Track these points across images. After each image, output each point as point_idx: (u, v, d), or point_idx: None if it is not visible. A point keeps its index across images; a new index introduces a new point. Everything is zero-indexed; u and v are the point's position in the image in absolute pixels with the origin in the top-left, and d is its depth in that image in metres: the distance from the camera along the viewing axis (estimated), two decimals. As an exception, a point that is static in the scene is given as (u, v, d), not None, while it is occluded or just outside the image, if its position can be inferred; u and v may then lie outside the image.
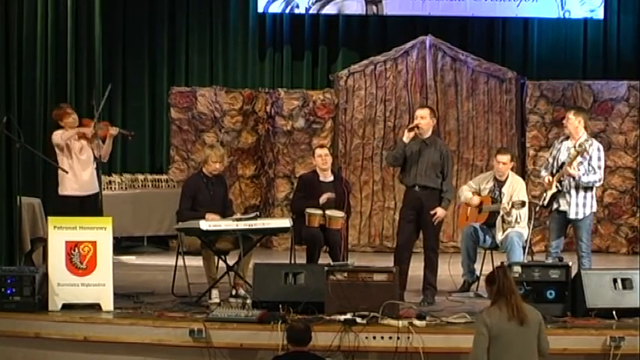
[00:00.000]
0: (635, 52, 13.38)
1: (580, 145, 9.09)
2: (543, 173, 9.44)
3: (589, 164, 9.12)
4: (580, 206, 9.16)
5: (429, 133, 9.08)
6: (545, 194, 9.32)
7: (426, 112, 9.09)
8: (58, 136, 9.58)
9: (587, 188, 9.16)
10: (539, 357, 6.46)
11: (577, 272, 8.35)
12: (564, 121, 9.35)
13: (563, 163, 9.17)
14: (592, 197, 9.22)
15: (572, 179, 9.11)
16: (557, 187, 9.18)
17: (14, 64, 10.56)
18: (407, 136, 9.01)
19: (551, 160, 9.36)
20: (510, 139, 12.77)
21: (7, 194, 10.28)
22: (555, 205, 9.25)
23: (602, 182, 9.45)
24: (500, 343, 6.35)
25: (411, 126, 9.12)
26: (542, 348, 6.48)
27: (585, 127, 9.25)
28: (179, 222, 9.13)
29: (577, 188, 9.13)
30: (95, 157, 9.66)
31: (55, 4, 10.99)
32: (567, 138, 9.29)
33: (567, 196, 9.17)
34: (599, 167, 9.15)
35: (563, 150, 9.24)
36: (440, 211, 8.97)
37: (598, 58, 13.53)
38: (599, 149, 9.20)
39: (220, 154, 9.34)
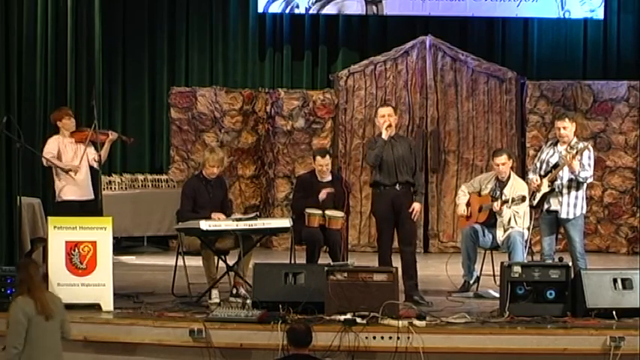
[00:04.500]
0: (635, 52, 13.38)
1: (572, 147, 9.17)
2: (531, 176, 9.46)
3: (580, 162, 9.17)
4: (571, 206, 9.21)
5: (394, 130, 9.25)
6: (535, 194, 9.34)
7: (391, 109, 9.27)
8: (54, 143, 9.56)
9: (579, 189, 9.21)
10: (63, 339, 6.70)
11: (577, 272, 8.35)
12: (561, 129, 9.28)
13: (556, 164, 9.21)
14: (582, 198, 9.29)
15: (563, 180, 9.16)
16: (549, 186, 9.21)
17: (14, 64, 10.57)
18: (386, 134, 9.11)
19: (539, 165, 9.40)
20: (510, 139, 12.77)
21: (7, 194, 10.29)
22: (546, 206, 9.28)
23: (592, 179, 9.47)
24: (29, 336, 6.47)
25: (387, 124, 9.16)
26: (65, 331, 6.73)
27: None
28: (179, 222, 9.14)
29: (569, 188, 9.21)
30: (89, 164, 9.67)
31: (55, 4, 11.00)
32: (557, 142, 9.35)
33: (559, 196, 9.22)
34: (590, 165, 9.22)
35: (555, 153, 9.28)
36: (417, 206, 9.08)
37: (598, 58, 13.53)
38: (589, 148, 9.29)
39: (218, 159, 9.22)
